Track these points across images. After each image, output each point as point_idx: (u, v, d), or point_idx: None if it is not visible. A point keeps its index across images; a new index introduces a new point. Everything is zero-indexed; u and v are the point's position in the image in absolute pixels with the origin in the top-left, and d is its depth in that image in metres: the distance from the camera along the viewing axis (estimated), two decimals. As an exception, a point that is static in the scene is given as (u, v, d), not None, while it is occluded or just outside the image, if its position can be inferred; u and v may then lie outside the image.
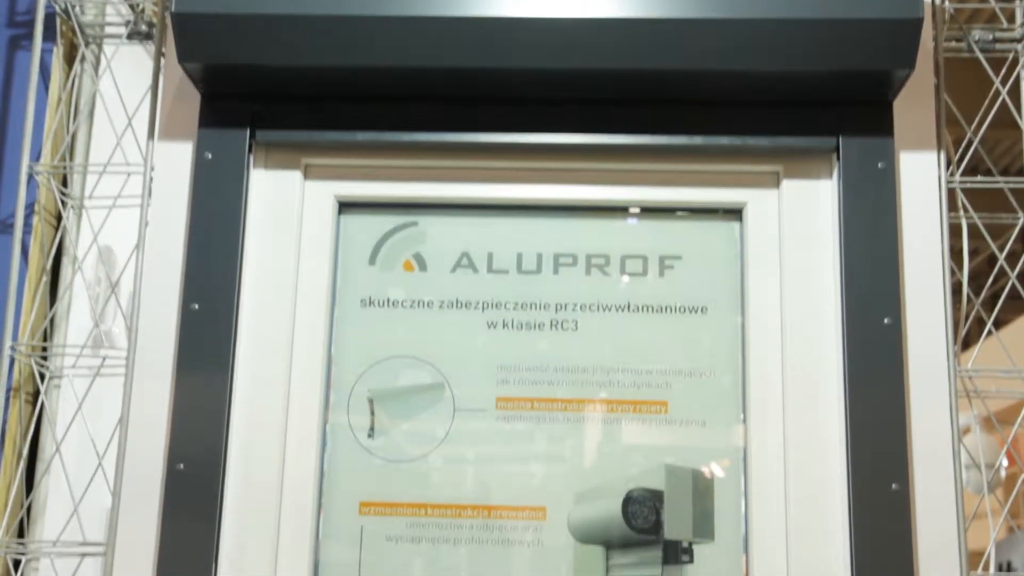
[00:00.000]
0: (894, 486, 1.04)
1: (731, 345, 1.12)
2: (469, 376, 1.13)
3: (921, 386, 1.07)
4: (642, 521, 1.08)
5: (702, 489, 1.09)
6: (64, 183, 1.31)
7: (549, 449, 1.11)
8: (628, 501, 1.09)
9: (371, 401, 1.13)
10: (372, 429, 1.12)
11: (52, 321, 1.28)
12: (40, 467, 1.24)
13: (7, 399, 1.24)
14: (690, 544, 1.07)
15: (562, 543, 1.08)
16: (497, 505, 1.10)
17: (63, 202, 1.29)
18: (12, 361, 1.23)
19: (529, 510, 1.09)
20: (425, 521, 1.09)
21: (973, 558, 1.05)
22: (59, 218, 1.31)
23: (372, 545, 1.09)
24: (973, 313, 1.15)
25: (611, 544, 1.08)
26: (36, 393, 1.26)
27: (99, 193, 1.28)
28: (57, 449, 1.21)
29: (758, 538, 1.06)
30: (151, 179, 1.15)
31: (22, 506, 1.23)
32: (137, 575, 1.05)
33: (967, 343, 1.15)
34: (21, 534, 1.23)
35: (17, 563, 1.18)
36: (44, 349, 1.26)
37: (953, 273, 1.11)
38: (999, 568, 1.04)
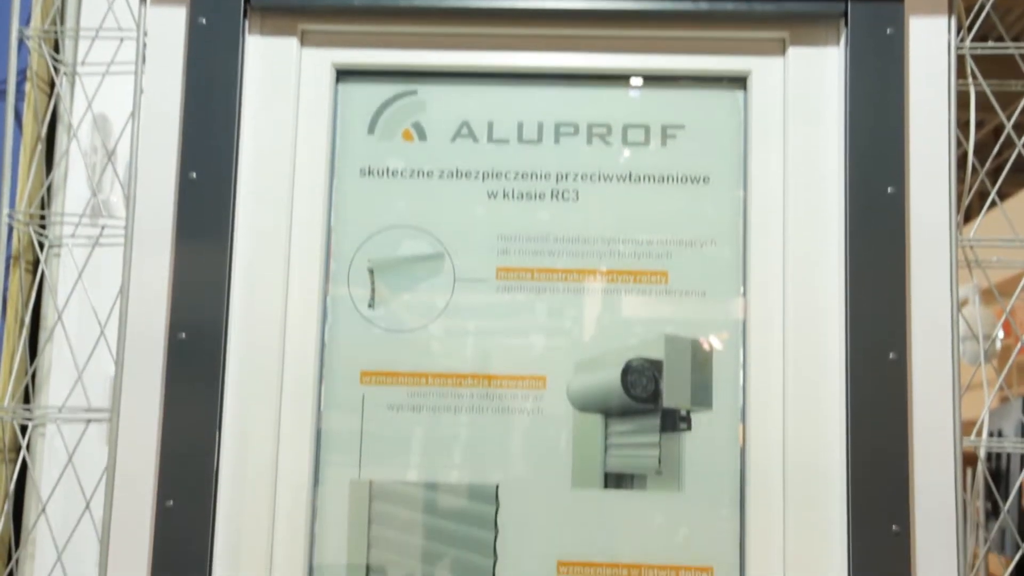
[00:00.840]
0: (892, 355, 1.05)
1: (733, 216, 1.12)
2: (469, 246, 1.13)
3: (922, 256, 1.07)
4: (641, 390, 1.10)
5: (701, 359, 1.10)
6: (56, 49, 1.29)
7: (549, 319, 1.12)
8: (627, 370, 1.10)
9: (371, 271, 1.13)
10: (372, 299, 1.13)
11: (49, 190, 1.27)
12: (42, 335, 1.25)
13: (7, 268, 1.24)
14: (688, 412, 1.09)
15: (561, 412, 1.10)
16: (497, 374, 1.11)
17: (55, 68, 1.27)
18: (11, 230, 1.22)
19: (529, 379, 1.11)
20: (426, 390, 1.11)
21: (966, 427, 1.06)
22: (52, 85, 1.29)
23: (373, 414, 1.11)
24: (976, 184, 1.15)
25: (610, 413, 1.10)
26: (36, 262, 1.26)
27: (92, 59, 1.25)
28: (59, 317, 1.21)
29: (755, 408, 1.08)
30: (144, 45, 1.13)
31: (26, 373, 1.25)
32: (142, 440, 1.07)
33: (969, 217, 1.15)
34: (27, 400, 1.25)
35: (24, 428, 1.20)
36: (42, 218, 1.25)
37: (959, 144, 1.10)
38: (990, 435, 1.06)
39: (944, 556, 1.03)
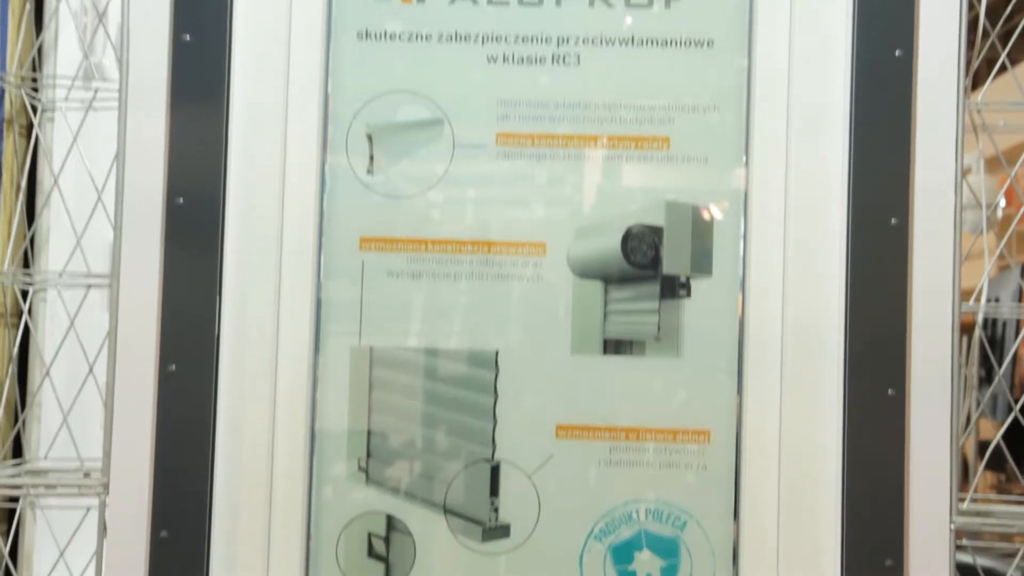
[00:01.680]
0: (893, 221, 1.05)
1: (736, 81, 1.10)
2: (468, 111, 1.11)
3: (928, 121, 1.05)
4: (641, 257, 1.10)
5: (701, 226, 1.10)
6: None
7: (549, 185, 1.11)
8: (627, 237, 1.10)
9: (369, 137, 1.12)
10: (371, 165, 1.12)
11: (40, 52, 1.25)
12: (39, 200, 1.25)
13: (0, 132, 1.23)
14: (688, 279, 1.09)
15: (561, 278, 1.10)
16: (497, 241, 1.11)
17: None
18: (2, 92, 1.21)
19: (529, 246, 1.10)
20: (425, 257, 1.11)
21: (964, 296, 1.07)
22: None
23: (373, 281, 1.11)
24: (986, 48, 1.13)
25: (609, 279, 1.10)
26: (29, 126, 1.24)
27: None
28: (55, 182, 1.20)
29: (755, 275, 1.08)
30: (132, -98, 1.09)
31: (25, 237, 1.24)
32: (142, 305, 1.07)
33: (976, 85, 1.14)
34: (26, 265, 1.25)
35: (25, 293, 1.20)
36: (34, 80, 1.23)
37: (971, 7, 1.07)
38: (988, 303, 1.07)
39: (938, 419, 1.05)
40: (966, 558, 1.14)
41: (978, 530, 1.07)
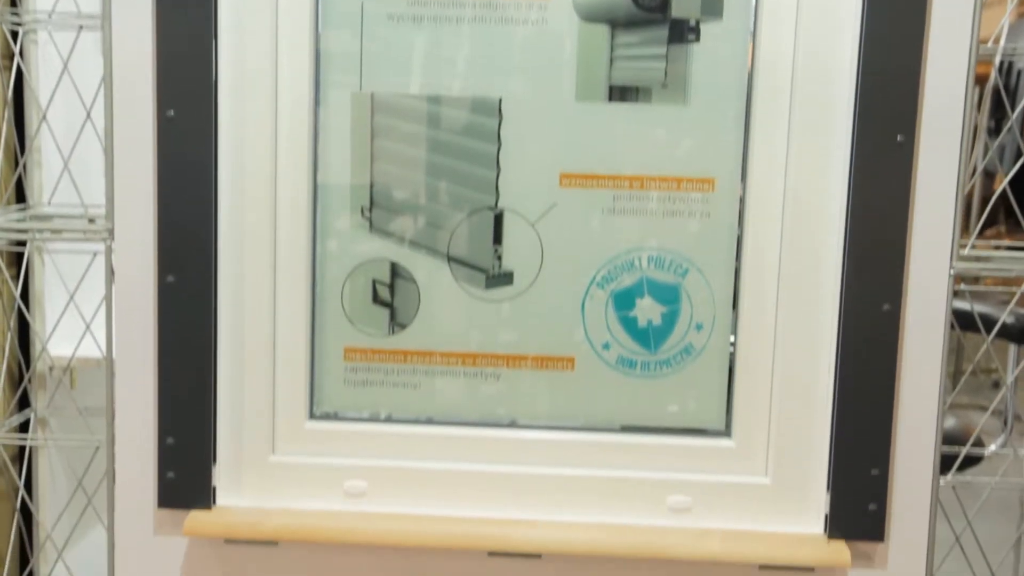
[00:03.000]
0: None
1: None
2: None
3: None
4: (649, 0, 1.06)
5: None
6: None
7: (555, -78, 1.06)
8: (636, -22, 1.06)
9: None
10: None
11: None
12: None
13: None
14: (697, 22, 1.06)
15: (567, 22, 1.06)
16: (501, -19, 1.07)
17: None
18: None
19: (534, -14, 1.07)
20: (427, -2, 1.07)
21: (982, 42, 1.04)
22: None
23: (373, 28, 1.07)
24: None
25: (616, 23, 1.06)
26: None
27: None
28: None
29: (767, 20, 1.04)
30: None
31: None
32: (137, 48, 1.05)
33: None
34: (14, 3, 1.21)
35: (15, 35, 1.17)
36: None
37: None
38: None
39: (945, 166, 1.04)
40: (964, 306, 1.15)
41: (977, 275, 1.08)
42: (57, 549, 1.36)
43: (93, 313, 1.23)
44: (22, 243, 1.29)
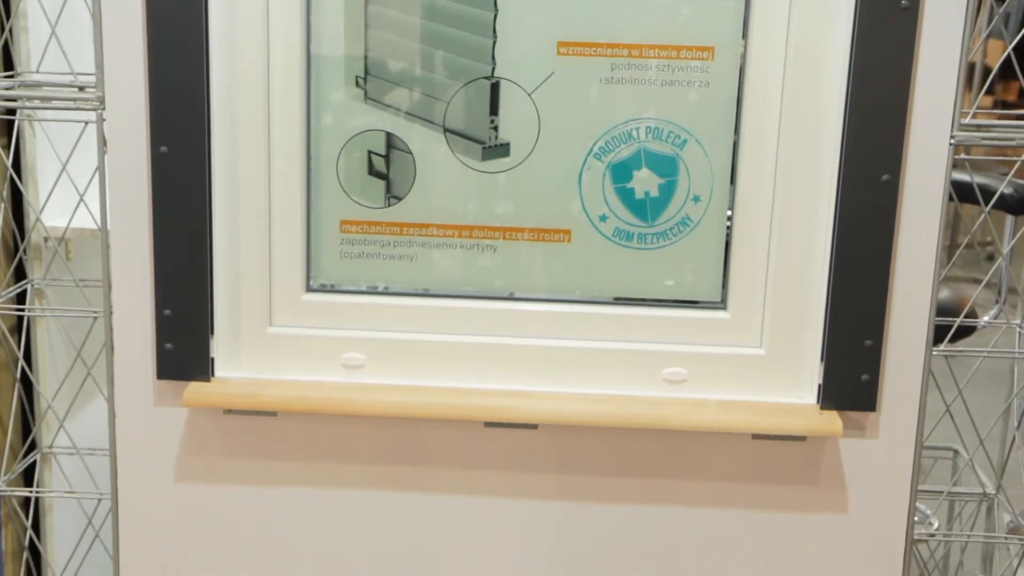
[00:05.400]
0: None
1: None
2: None
3: None
4: None
5: None
6: None
7: None
8: None
9: None
10: None
11: None
12: None
13: None
14: None
15: None
16: None
17: None
18: None
19: None
20: None
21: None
22: None
23: None
24: None
25: None
26: None
27: None
28: None
29: None
30: None
31: None
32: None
33: None
34: None
35: None
36: None
37: None
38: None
39: (949, 33, 1.02)
40: (963, 177, 1.15)
41: (978, 144, 1.07)
42: (59, 419, 1.37)
43: (87, 184, 1.22)
44: (11, 112, 1.27)
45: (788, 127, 1.06)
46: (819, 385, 1.09)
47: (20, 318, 1.43)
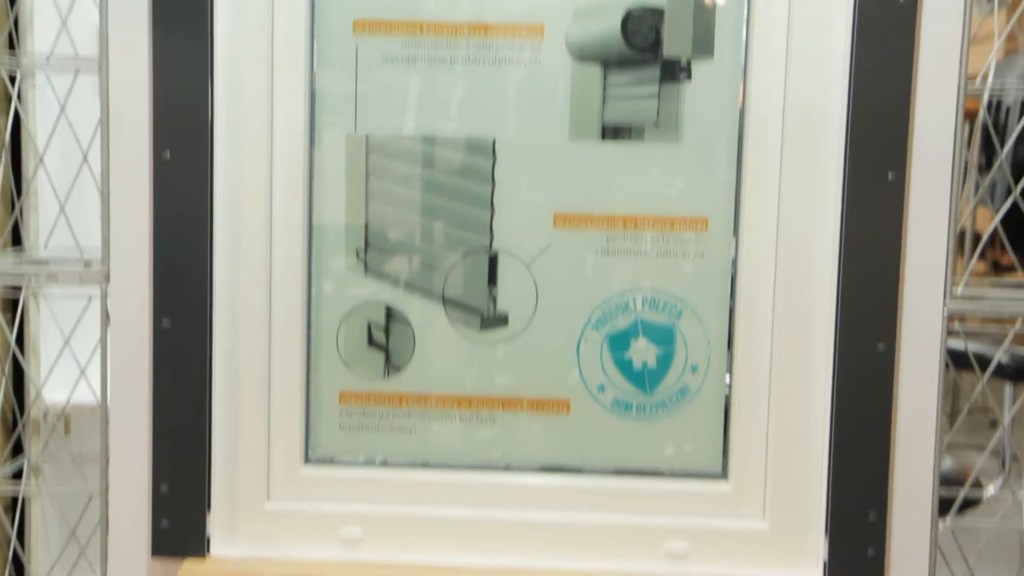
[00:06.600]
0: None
1: None
2: None
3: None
4: (641, 39, 1.07)
5: (703, 7, 1.06)
6: None
7: (547, -36, 1.07)
8: (627, 18, 1.06)
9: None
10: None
11: None
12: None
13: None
14: (689, 62, 1.07)
15: (560, 63, 1.07)
16: (494, 24, 1.07)
17: None
18: None
19: (527, 29, 1.07)
20: (420, 40, 1.08)
21: (970, 79, 1.05)
22: None
23: (367, 69, 1.08)
24: None
25: (609, 62, 1.07)
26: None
27: None
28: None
29: (757, 59, 1.05)
30: None
31: (8, 18, 1.21)
32: (134, 90, 1.05)
33: None
34: (12, 48, 1.22)
35: (13, 79, 1.18)
36: None
37: None
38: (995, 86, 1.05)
39: (936, 204, 1.04)
40: (959, 344, 1.15)
41: (971, 314, 1.08)
42: (49, 599, 1.34)
43: (88, 358, 1.22)
44: (17, 287, 1.28)
45: (783, 298, 1.07)
46: (824, 561, 1.07)
47: (15, 496, 1.41)
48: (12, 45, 1.21)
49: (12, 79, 1.19)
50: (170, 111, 1.05)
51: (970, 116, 1.09)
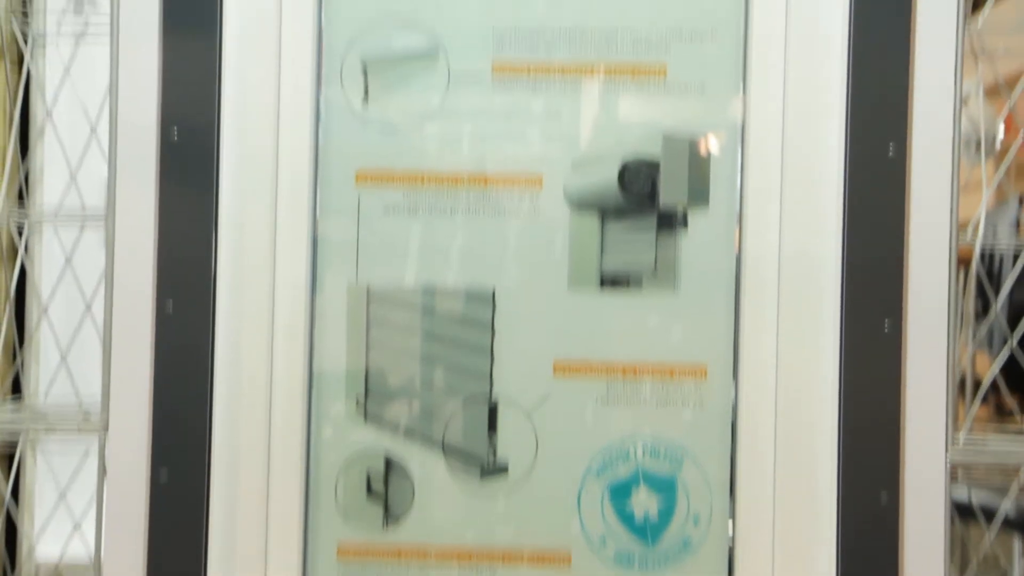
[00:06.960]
0: (891, 151, 1.04)
1: (734, 5, 1.09)
2: (464, 40, 1.10)
3: (927, 47, 1.04)
4: (638, 190, 1.09)
5: (698, 159, 1.09)
6: None
7: (546, 117, 1.10)
8: (624, 171, 1.09)
9: (364, 68, 1.11)
10: (366, 96, 1.11)
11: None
12: (33, 134, 1.24)
13: (-8, 66, 1.22)
14: (685, 211, 1.09)
15: (558, 213, 1.09)
16: (493, 175, 1.10)
17: None
18: (-7, 25, 1.20)
19: (525, 180, 1.10)
20: (421, 191, 1.10)
21: (962, 227, 1.06)
22: None
23: (369, 219, 1.10)
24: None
25: (606, 212, 1.09)
26: (21, 59, 1.23)
27: None
28: (48, 114, 1.20)
29: (752, 208, 1.07)
30: None
31: (19, 172, 1.24)
32: (138, 242, 1.07)
33: (976, 7, 1.12)
34: (21, 201, 1.24)
35: (20, 231, 1.20)
36: (24, 10, 1.22)
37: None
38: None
39: (934, 353, 1.04)
40: (963, 498, 1.14)
41: (974, 465, 1.07)
42: None
43: (83, 511, 1.21)
44: (15, 439, 1.28)
45: (784, 447, 1.06)
46: None
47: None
48: (21, 196, 1.24)
49: (20, 231, 1.21)
50: (174, 263, 1.06)
51: (964, 262, 1.11)
